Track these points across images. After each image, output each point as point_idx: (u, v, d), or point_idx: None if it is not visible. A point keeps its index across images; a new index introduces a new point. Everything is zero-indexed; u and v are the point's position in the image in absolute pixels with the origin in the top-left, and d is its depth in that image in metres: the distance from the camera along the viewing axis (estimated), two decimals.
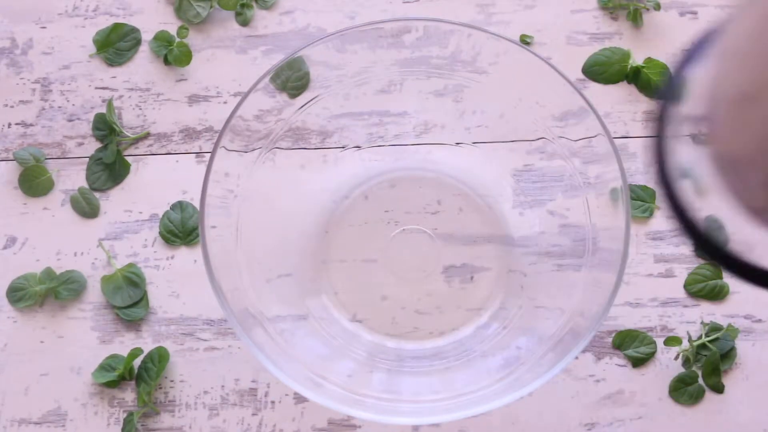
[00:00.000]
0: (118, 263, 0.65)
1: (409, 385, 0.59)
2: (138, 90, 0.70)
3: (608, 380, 0.62)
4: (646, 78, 0.68)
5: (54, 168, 0.68)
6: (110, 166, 0.67)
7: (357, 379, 0.59)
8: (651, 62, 0.68)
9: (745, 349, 0.63)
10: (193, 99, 0.69)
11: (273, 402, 0.62)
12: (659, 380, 0.62)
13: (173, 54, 0.70)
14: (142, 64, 0.70)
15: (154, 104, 0.69)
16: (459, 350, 0.63)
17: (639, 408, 0.62)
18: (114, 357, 0.63)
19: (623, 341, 0.63)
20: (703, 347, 0.62)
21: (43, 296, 0.65)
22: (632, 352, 0.62)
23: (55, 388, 0.63)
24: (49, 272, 0.65)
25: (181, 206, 0.67)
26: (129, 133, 0.68)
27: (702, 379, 0.62)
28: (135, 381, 0.63)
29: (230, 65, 0.70)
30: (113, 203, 0.67)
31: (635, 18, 0.70)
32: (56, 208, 0.67)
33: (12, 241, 0.66)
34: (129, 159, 0.68)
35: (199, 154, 0.68)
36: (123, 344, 0.64)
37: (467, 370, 0.60)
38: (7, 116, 0.69)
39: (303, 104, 0.63)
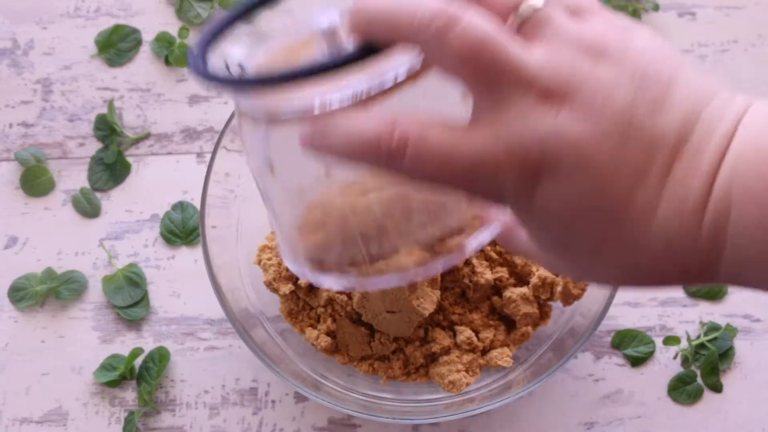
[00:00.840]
0: (119, 263, 0.66)
1: (409, 385, 0.59)
2: (139, 90, 0.70)
3: (607, 379, 0.62)
4: None
5: (55, 168, 0.68)
6: (111, 167, 0.68)
7: (357, 379, 0.59)
8: None
9: (744, 349, 0.63)
10: (194, 99, 0.70)
11: (273, 401, 0.62)
12: (658, 379, 0.62)
13: (174, 55, 0.70)
14: (143, 65, 0.71)
15: (155, 104, 0.70)
16: None
17: (638, 407, 0.62)
18: (115, 356, 0.63)
19: (622, 341, 0.63)
20: (702, 347, 0.63)
21: (44, 296, 0.65)
22: (631, 352, 0.63)
23: (56, 388, 0.63)
24: (50, 272, 0.65)
25: (182, 206, 0.67)
26: (130, 134, 0.69)
27: (701, 379, 0.62)
28: (136, 380, 0.63)
29: None
30: (114, 203, 0.67)
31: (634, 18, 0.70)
32: (57, 208, 0.67)
33: (13, 241, 0.66)
34: (130, 159, 0.68)
35: (200, 155, 0.68)
36: (124, 344, 0.64)
37: None
38: (9, 116, 0.69)
39: None
